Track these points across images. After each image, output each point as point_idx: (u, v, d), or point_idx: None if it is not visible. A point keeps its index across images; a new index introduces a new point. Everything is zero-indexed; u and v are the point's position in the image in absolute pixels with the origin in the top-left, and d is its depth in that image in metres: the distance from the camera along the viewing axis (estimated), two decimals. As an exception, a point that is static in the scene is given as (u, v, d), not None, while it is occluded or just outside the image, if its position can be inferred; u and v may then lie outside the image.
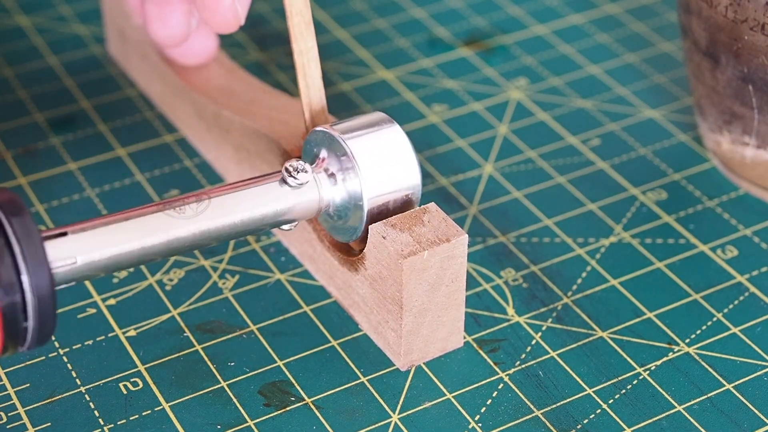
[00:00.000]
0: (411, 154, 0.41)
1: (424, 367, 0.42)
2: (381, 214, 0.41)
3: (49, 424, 0.40)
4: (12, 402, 0.41)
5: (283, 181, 0.41)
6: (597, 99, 0.54)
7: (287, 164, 0.41)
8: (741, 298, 0.44)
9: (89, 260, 0.38)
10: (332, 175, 0.41)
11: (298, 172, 0.41)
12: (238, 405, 0.41)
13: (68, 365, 0.42)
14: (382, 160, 0.41)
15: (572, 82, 0.55)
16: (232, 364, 0.42)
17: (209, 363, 0.42)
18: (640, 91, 0.54)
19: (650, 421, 0.40)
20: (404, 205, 0.41)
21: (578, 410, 0.41)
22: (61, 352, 0.42)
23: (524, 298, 0.44)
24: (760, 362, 0.42)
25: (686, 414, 0.40)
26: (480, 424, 0.40)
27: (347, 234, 0.42)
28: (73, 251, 0.37)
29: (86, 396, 0.41)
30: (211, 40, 0.49)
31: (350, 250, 0.43)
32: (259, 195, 0.40)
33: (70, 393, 0.41)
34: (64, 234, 0.37)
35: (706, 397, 0.41)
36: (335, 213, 0.42)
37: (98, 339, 0.43)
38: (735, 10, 0.44)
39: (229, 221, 0.40)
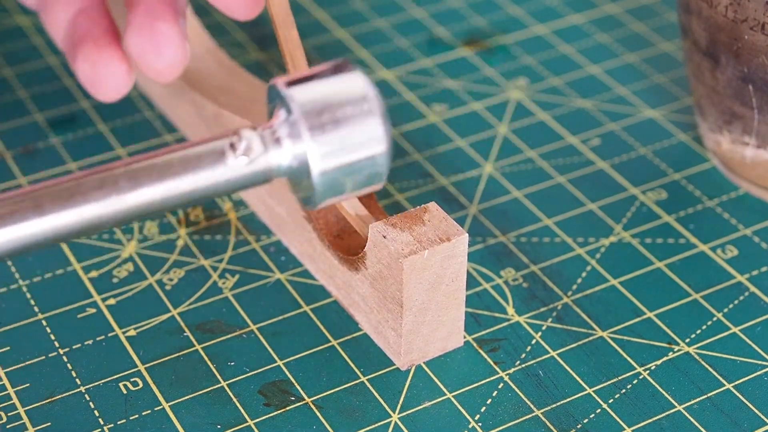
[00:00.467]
0: (374, 105, 0.35)
1: (424, 366, 0.42)
2: (334, 182, 0.35)
3: (49, 424, 0.40)
4: (12, 402, 0.41)
5: (224, 154, 0.35)
6: (597, 99, 0.54)
7: (232, 136, 0.35)
8: (741, 298, 0.44)
9: None
10: (278, 138, 0.35)
11: (242, 153, 0.34)
12: (238, 405, 0.41)
13: (68, 365, 0.42)
14: (333, 114, 0.34)
15: (572, 82, 0.55)
16: (232, 363, 0.42)
17: (209, 363, 0.42)
18: (640, 91, 0.54)
19: (650, 420, 0.40)
20: (362, 170, 0.36)
21: (578, 410, 0.41)
22: (61, 352, 0.42)
23: (524, 297, 0.44)
24: (760, 362, 0.42)
25: (686, 414, 0.40)
26: (480, 424, 0.40)
27: (306, 201, 0.36)
28: None
29: (86, 396, 0.41)
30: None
31: (350, 250, 0.43)
32: (196, 173, 0.34)
33: (70, 393, 0.41)
34: None
35: (706, 396, 0.41)
36: (289, 177, 0.36)
37: (98, 339, 0.43)
38: (735, 10, 0.44)
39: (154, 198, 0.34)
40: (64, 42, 0.45)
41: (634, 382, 0.41)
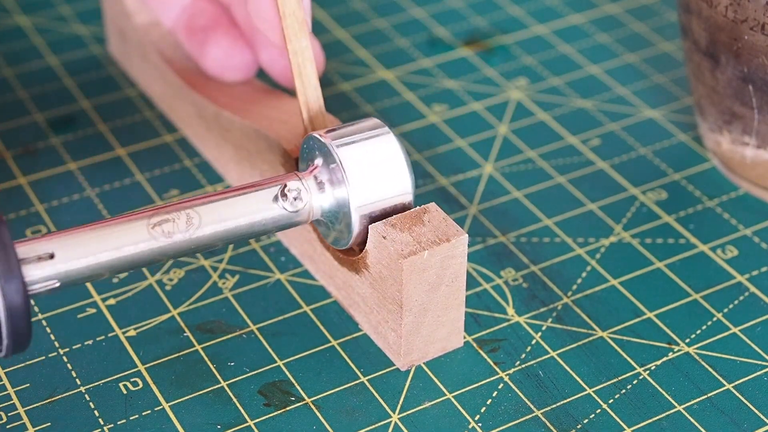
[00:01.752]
0: (403, 163, 0.41)
1: (424, 367, 0.42)
2: (372, 222, 0.41)
3: (49, 424, 0.40)
4: (12, 402, 0.41)
5: (277, 199, 0.40)
6: (597, 99, 0.54)
7: (287, 185, 0.40)
8: (741, 298, 0.44)
9: (69, 281, 0.38)
10: (321, 183, 0.41)
11: (295, 199, 0.40)
12: (238, 405, 0.41)
13: (68, 365, 0.42)
14: (371, 170, 0.40)
15: (572, 82, 0.55)
16: (232, 364, 0.42)
17: (209, 363, 0.42)
18: (640, 91, 0.54)
19: (650, 420, 0.40)
20: (396, 213, 0.41)
21: (578, 410, 0.41)
22: (61, 352, 0.42)
23: (524, 298, 0.44)
24: (760, 362, 0.42)
25: (686, 414, 0.40)
26: (480, 424, 0.40)
27: (338, 240, 0.42)
28: (56, 274, 0.37)
29: (86, 396, 0.41)
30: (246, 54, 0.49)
31: (350, 250, 0.43)
32: (250, 212, 0.40)
33: (70, 393, 0.41)
34: (51, 256, 0.37)
35: (706, 397, 0.41)
36: (325, 218, 0.42)
37: (98, 339, 0.43)
38: (735, 10, 0.44)
39: (215, 236, 0.40)
40: (181, 26, 0.50)
41: (634, 382, 0.41)
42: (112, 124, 0.52)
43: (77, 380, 0.41)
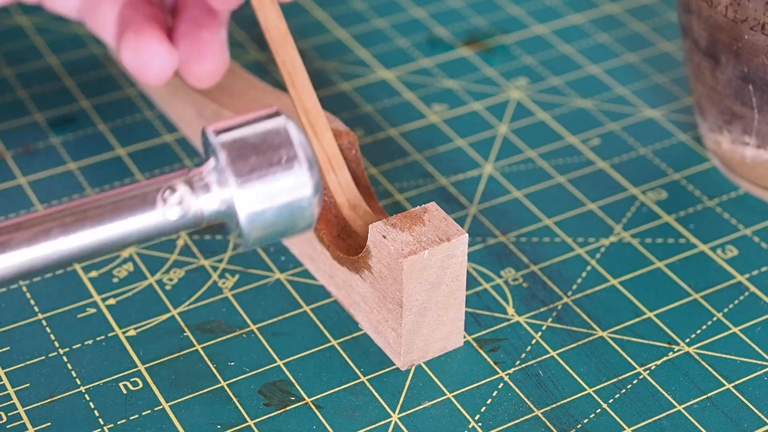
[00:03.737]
0: (300, 154, 0.35)
1: (424, 366, 0.42)
2: (262, 226, 0.36)
3: (49, 424, 0.40)
4: (12, 402, 0.41)
5: (155, 204, 0.35)
6: (597, 99, 0.54)
7: (164, 189, 0.35)
8: (741, 298, 0.44)
9: None
10: (206, 185, 0.35)
11: (172, 204, 0.35)
12: (238, 405, 0.41)
13: (68, 365, 0.42)
14: (259, 163, 0.35)
15: (572, 82, 0.55)
16: (232, 363, 0.42)
17: (209, 363, 0.42)
18: (640, 91, 0.54)
19: (650, 420, 0.40)
20: (290, 214, 0.36)
21: (578, 410, 0.41)
22: (61, 352, 0.42)
23: (524, 297, 0.44)
24: (760, 362, 0.42)
25: (686, 414, 0.40)
26: (480, 424, 0.40)
27: (239, 244, 0.37)
28: None
29: (86, 396, 0.41)
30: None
31: (350, 250, 0.43)
32: (128, 224, 0.35)
33: (70, 393, 0.41)
34: None
35: (706, 396, 0.41)
36: (213, 222, 0.36)
37: (98, 339, 0.43)
38: (735, 10, 0.44)
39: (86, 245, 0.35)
40: (113, 39, 0.46)
41: (634, 382, 0.41)
42: (112, 124, 0.52)
43: (77, 380, 0.41)
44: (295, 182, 0.35)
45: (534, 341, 0.43)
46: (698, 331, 0.43)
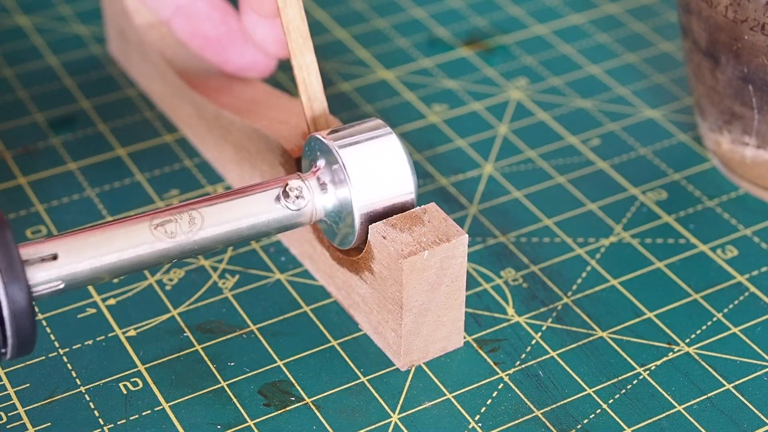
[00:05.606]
0: (405, 163, 0.41)
1: (424, 367, 0.42)
2: (374, 221, 0.41)
3: (49, 424, 0.40)
4: (12, 402, 0.41)
5: (279, 199, 0.40)
6: (597, 99, 0.54)
7: (288, 184, 0.41)
8: (741, 298, 0.44)
9: (73, 283, 0.38)
10: (324, 184, 0.41)
11: (297, 198, 0.40)
12: (238, 405, 0.41)
13: (68, 365, 0.42)
14: (373, 170, 0.41)
15: (572, 82, 0.55)
16: (232, 364, 0.42)
17: (209, 363, 0.42)
18: (640, 91, 0.54)
19: (650, 420, 0.40)
20: (397, 213, 0.41)
21: (578, 410, 0.41)
22: (61, 352, 0.42)
23: (524, 298, 0.44)
24: (760, 362, 0.42)
25: (686, 414, 0.40)
26: (480, 424, 0.40)
27: (342, 241, 0.42)
28: (59, 276, 0.37)
29: (86, 396, 0.41)
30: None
31: (350, 250, 0.43)
32: (253, 213, 0.40)
33: (70, 393, 0.41)
34: (54, 258, 0.37)
35: (706, 397, 0.41)
36: (327, 218, 0.42)
37: (98, 339, 0.43)
38: (735, 10, 0.44)
39: (218, 238, 0.40)
40: (185, 30, 0.49)
41: (634, 382, 0.41)
42: (112, 124, 0.52)
43: (77, 380, 0.41)
44: (403, 190, 0.41)
45: (534, 341, 0.43)
46: (698, 332, 0.43)
